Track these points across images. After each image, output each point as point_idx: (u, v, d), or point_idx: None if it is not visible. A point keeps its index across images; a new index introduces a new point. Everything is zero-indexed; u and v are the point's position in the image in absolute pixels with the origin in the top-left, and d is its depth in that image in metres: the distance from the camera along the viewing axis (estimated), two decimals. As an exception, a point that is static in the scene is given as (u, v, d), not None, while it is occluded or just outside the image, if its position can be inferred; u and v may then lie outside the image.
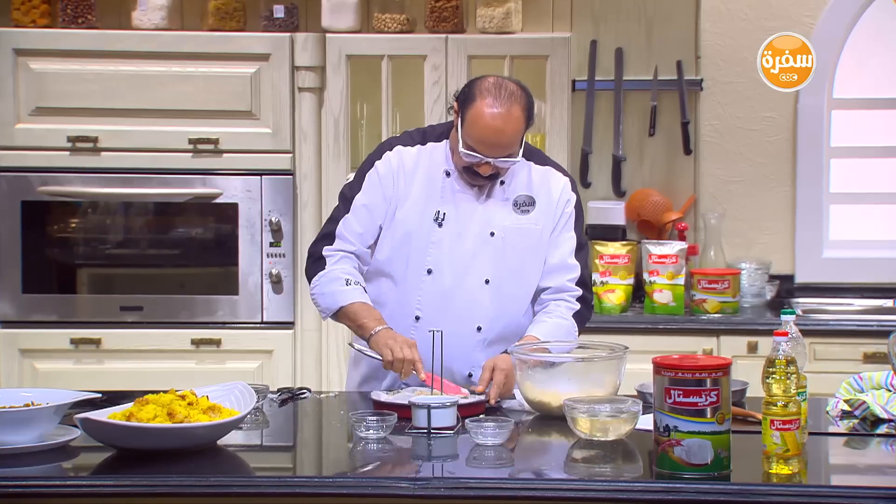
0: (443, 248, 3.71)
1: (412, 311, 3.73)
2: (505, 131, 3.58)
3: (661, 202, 5.67)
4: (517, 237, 3.74)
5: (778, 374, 2.85)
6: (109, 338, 5.31)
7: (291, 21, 5.40)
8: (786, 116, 5.71)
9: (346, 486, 2.85)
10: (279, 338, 5.32)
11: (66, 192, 5.32)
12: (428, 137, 3.80)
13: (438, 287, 3.71)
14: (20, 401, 3.11)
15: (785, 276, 5.70)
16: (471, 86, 3.65)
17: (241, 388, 3.29)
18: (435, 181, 3.74)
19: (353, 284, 3.69)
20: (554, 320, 3.75)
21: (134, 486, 2.83)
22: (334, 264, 3.73)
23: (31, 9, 5.38)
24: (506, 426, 3.11)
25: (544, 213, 3.77)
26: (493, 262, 3.72)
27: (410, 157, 3.76)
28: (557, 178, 3.81)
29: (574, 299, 3.79)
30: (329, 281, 3.71)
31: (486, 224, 3.73)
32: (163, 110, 5.29)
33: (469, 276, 3.71)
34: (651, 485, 2.81)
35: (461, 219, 3.72)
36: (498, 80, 3.64)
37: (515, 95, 3.60)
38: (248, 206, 5.32)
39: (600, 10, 5.71)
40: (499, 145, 3.60)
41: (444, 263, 3.71)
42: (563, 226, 3.79)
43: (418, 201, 3.73)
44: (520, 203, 3.75)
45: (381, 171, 3.76)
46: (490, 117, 3.56)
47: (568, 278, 3.79)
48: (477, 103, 3.59)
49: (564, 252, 3.79)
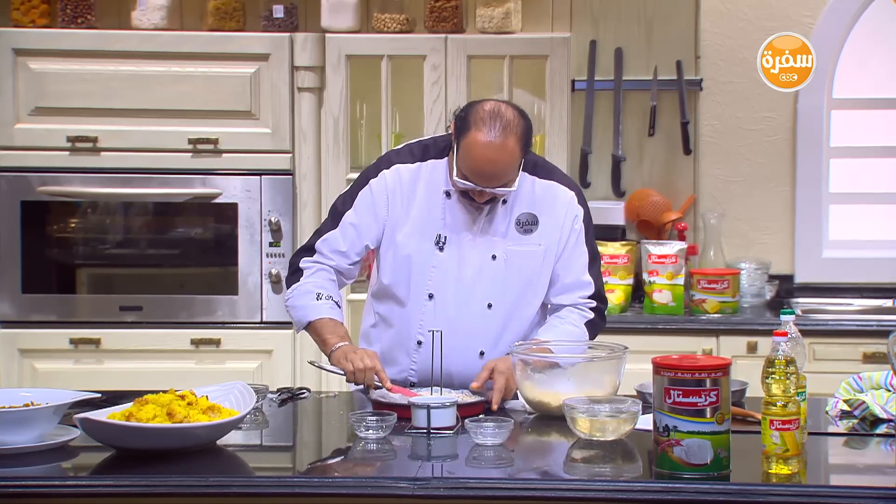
0: (444, 272, 3.65)
1: (414, 335, 3.69)
2: (499, 163, 3.48)
3: (661, 202, 5.66)
4: (520, 260, 3.66)
5: (777, 374, 2.85)
6: (109, 338, 5.31)
7: (291, 21, 5.40)
8: (785, 116, 5.71)
9: (345, 486, 2.85)
10: (279, 338, 5.32)
11: (65, 192, 5.32)
12: (429, 153, 3.70)
13: (440, 312, 3.65)
14: (20, 401, 3.11)
15: (784, 276, 5.70)
16: (467, 111, 3.53)
17: (240, 388, 3.29)
18: (435, 202, 3.66)
19: (323, 299, 3.64)
20: (565, 326, 3.69)
21: (133, 486, 2.83)
22: (309, 277, 3.69)
23: (30, 9, 5.38)
24: (505, 426, 3.11)
25: (548, 232, 3.68)
26: (495, 286, 3.66)
27: (409, 174, 3.67)
28: (563, 192, 3.71)
29: (588, 309, 3.74)
30: (301, 294, 3.68)
31: (488, 247, 3.65)
32: (162, 110, 5.29)
33: (471, 301, 3.66)
34: (651, 485, 2.81)
35: (462, 242, 3.65)
36: (495, 107, 3.50)
37: (511, 126, 3.47)
38: (247, 205, 5.32)
39: (600, 10, 5.70)
40: (493, 176, 3.50)
41: (445, 289, 3.65)
42: (574, 243, 3.71)
43: (418, 224, 3.66)
44: (522, 222, 3.67)
45: (376, 190, 3.68)
46: (484, 148, 3.45)
47: (581, 295, 3.73)
48: (472, 133, 3.47)
49: (578, 269, 3.72)
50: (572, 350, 3.59)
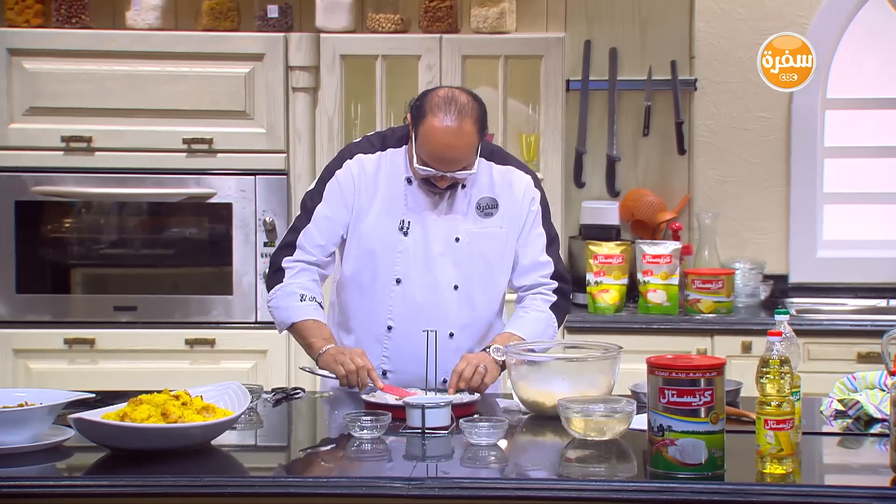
0: (409, 256, 3.71)
1: (384, 322, 3.74)
2: (457, 146, 3.56)
3: (656, 202, 5.67)
4: (482, 241, 3.73)
5: (772, 373, 2.85)
6: (103, 338, 5.30)
7: (285, 21, 5.40)
8: (780, 116, 5.72)
9: (340, 486, 2.85)
10: (273, 338, 5.30)
11: (59, 192, 5.31)
12: (388, 142, 3.77)
13: (408, 296, 3.71)
14: (14, 401, 3.11)
15: (779, 276, 5.70)
16: (422, 100, 3.62)
17: (235, 388, 3.29)
18: (397, 189, 3.73)
19: (307, 300, 3.69)
20: (531, 314, 3.77)
21: (128, 487, 2.83)
22: (292, 277, 3.74)
23: (24, 8, 5.37)
24: (500, 426, 3.11)
25: (508, 214, 3.76)
26: (459, 267, 3.73)
27: (371, 164, 3.75)
28: (519, 176, 3.79)
29: (550, 291, 3.81)
30: (285, 295, 3.72)
31: (451, 230, 3.72)
32: (157, 110, 5.28)
33: (437, 283, 3.72)
34: (645, 485, 2.81)
35: (426, 226, 3.71)
36: (448, 93, 3.60)
37: (467, 109, 3.56)
38: (242, 205, 5.32)
39: (594, 10, 5.71)
40: (452, 160, 3.58)
41: (411, 272, 3.71)
42: (532, 224, 3.79)
43: (382, 211, 3.72)
44: (483, 206, 3.74)
45: (342, 179, 3.74)
46: (441, 133, 3.54)
47: (541, 274, 3.80)
48: (428, 119, 3.56)
49: (535, 251, 3.79)
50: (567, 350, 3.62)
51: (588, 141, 5.65)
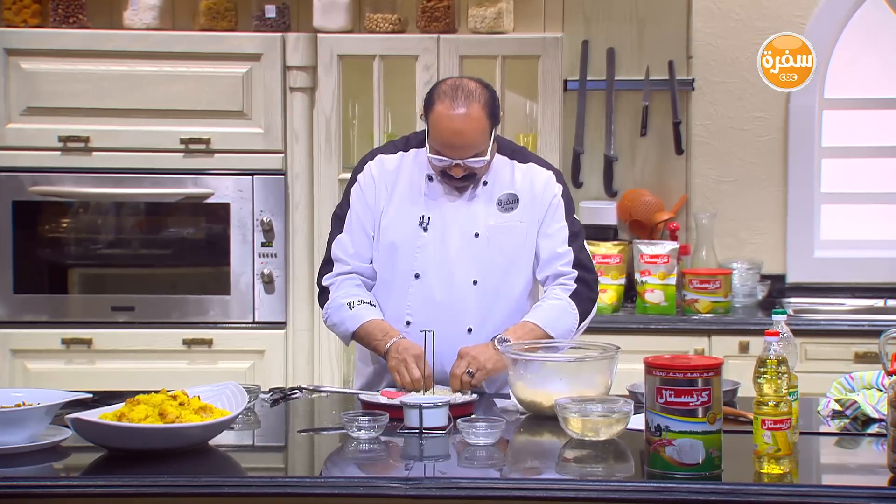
0: (429, 252, 3.73)
1: (402, 317, 3.75)
2: (465, 132, 3.59)
3: (653, 202, 5.67)
4: (502, 236, 3.74)
5: (769, 373, 2.85)
6: (101, 338, 5.30)
7: (283, 21, 5.40)
8: (777, 116, 5.72)
9: (337, 486, 2.85)
10: (271, 338, 5.32)
11: (57, 192, 5.31)
12: (410, 143, 3.82)
13: (427, 291, 3.73)
14: (11, 401, 3.11)
15: (776, 276, 5.70)
16: (431, 91, 3.68)
17: (232, 388, 3.29)
18: (418, 186, 3.76)
19: (355, 306, 3.72)
20: (547, 302, 3.76)
21: (125, 487, 2.83)
22: (336, 290, 3.78)
23: (22, 8, 5.37)
24: (497, 426, 3.12)
25: (528, 209, 3.77)
26: (479, 262, 3.73)
27: (392, 162, 3.79)
28: (540, 172, 3.81)
29: (571, 281, 3.79)
30: (335, 310, 3.77)
31: (471, 225, 3.74)
32: (154, 110, 5.28)
33: (456, 278, 3.73)
34: (642, 484, 2.82)
35: (446, 221, 3.73)
36: (456, 81, 3.66)
37: (474, 94, 3.61)
38: (239, 205, 5.32)
39: (592, 11, 5.71)
40: (462, 146, 3.61)
41: (430, 267, 3.73)
42: (552, 217, 3.79)
43: (402, 207, 3.75)
44: (503, 202, 3.76)
45: (363, 182, 3.79)
46: (448, 119, 3.58)
47: (561, 263, 3.79)
48: (436, 107, 3.61)
49: (556, 243, 3.79)
50: (565, 349, 3.61)
51: (585, 141, 5.65)
